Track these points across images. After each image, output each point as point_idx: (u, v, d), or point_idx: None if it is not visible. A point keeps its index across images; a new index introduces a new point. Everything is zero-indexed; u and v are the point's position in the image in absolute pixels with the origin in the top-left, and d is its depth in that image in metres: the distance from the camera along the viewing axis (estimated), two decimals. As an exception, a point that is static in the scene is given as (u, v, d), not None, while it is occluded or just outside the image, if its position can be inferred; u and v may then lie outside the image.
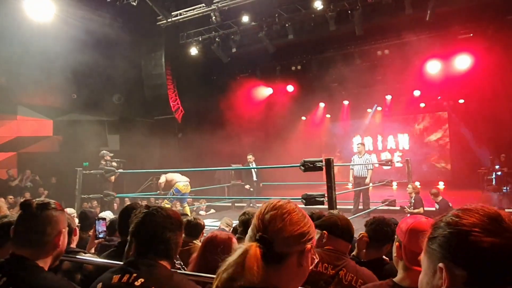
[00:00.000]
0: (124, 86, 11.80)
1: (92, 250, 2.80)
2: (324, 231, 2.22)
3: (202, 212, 10.24)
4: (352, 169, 8.89)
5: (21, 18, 8.65)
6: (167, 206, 8.40)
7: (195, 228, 3.46)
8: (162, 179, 8.55)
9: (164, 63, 12.38)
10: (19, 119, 11.46)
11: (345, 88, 14.43)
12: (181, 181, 8.54)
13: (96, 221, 2.75)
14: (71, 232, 2.31)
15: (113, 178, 8.57)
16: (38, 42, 8.65)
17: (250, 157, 9.99)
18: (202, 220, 3.63)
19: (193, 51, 12.01)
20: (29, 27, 8.72)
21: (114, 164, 9.07)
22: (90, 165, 9.42)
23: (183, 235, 3.50)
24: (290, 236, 1.01)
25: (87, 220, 3.37)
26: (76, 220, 3.56)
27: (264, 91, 15.11)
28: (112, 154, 9.22)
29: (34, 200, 1.48)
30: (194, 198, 10.51)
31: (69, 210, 4.56)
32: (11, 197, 8.64)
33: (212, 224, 6.59)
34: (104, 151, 9.16)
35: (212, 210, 10.54)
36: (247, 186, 10.05)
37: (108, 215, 4.36)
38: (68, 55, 9.34)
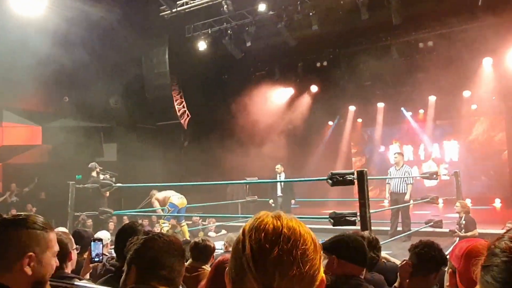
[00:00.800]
0: (122, 87, 12.01)
1: (87, 276, 2.85)
2: (333, 256, 2.22)
3: (211, 233, 10.27)
4: (389, 183, 8.82)
5: (8, 13, 8.94)
6: (164, 226, 8.54)
7: (204, 251, 3.48)
8: (155, 199, 8.84)
9: (167, 60, 12.55)
10: (5, 126, 11.77)
11: (380, 87, 14.33)
12: (174, 195, 8.70)
13: (92, 243, 2.80)
14: (65, 256, 2.37)
15: (107, 193, 8.72)
16: (27, 39, 8.90)
17: (278, 168, 10.07)
18: (212, 242, 3.65)
19: (201, 45, 12.15)
20: (17, 22, 9.00)
21: (107, 177, 9.28)
22: (84, 178, 9.59)
23: (191, 259, 3.54)
24: (308, 281, 0.88)
25: (82, 241, 3.44)
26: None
27: (283, 92, 15.13)
28: (102, 167, 9.42)
29: (5, 215, 1.51)
30: (202, 217, 10.55)
31: (61, 229, 4.65)
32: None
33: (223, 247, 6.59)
34: (93, 163, 9.36)
35: (223, 231, 10.55)
36: (270, 201, 10.15)
37: (104, 235, 4.44)
38: (60, 52, 9.58)
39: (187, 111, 13.48)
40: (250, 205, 10.80)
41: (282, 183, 10.07)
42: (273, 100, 14.95)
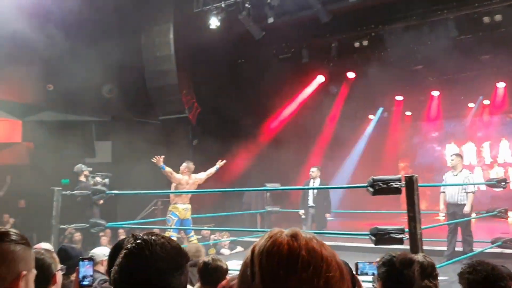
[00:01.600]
0: (117, 73, 12.13)
1: (75, 302, 2.88)
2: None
3: (224, 250, 10.33)
4: (444, 192, 8.70)
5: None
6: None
7: (214, 273, 3.49)
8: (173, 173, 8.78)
9: (172, 40, 12.63)
10: (-22, 120, 12.02)
11: (435, 72, 14.17)
12: (180, 203, 8.74)
13: (80, 262, 2.82)
14: (49, 277, 2.39)
15: (101, 200, 8.84)
16: (1, 16, 9.06)
17: (313, 171, 10.09)
18: (225, 263, 3.66)
19: (213, 22, 12.16)
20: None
21: (99, 179, 9.37)
22: (71, 182, 9.72)
23: (199, 283, 3.55)
24: None
25: (68, 260, 3.47)
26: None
27: (313, 80, 15.07)
28: (91, 169, 9.53)
29: None
30: (213, 230, 10.60)
31: (44, 245, 4.72)
32: (-34, 226, 9.10)
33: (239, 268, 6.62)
34: (80, 165, 9.48)
35: (239, 248, 10.63)
36: (301, 212, 10.18)
37: (101, 251, 4.50)
38: (42, 31, 9.71)
39: (196, 103, 13.53)
40: (272, 217, 10.81)
41: (315, 191, 10.05)
42: (299, 89, 14.90)
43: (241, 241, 10.78)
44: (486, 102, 15.94)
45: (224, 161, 9.29)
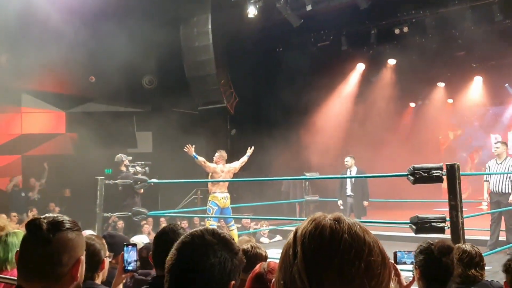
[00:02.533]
0: (157, 64, 12.30)
1: (120, 287, 2.98)
2: None
3: (264, 239, 10.41)
4: (488, 180, 8.55)
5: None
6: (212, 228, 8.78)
7: (254, 260, 3.52)
8: (205, 162, 8.87)
9: (211, 30, 12.69)
10: (24, 111, 12.44)
11: (478, 59, 13.82)
12: (219, 193, 8.85)
13: (125, 248, 2.90)
14: (98, 263, 2.50)
15: (142, 190, 9.04)
16: (45, 9, 9.31)
17: (347, 161, 10.05)
18: (264, 250, 3.69)
19: (251, 11, 12.16)
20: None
21: (139, 169, 9.56)
22: (114, 172, 9.96)
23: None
24: None
25: (112, 246, 3.59)
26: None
27: (353, 67, 14.93)
28: (130, 158, 9.73)
29: (43, 218, 1.59)
30: (253, 219, 10.68)
31: (88, 232, 4.89)
32: (14, 214, 9.50)
33: (278, 257, 6.67)
34: (120, 155, 9.69)
35: (278, 237, 10.68)
36: (339, 202, 10.19)
37: (141, 239, 4.61)
38: (84, 24, 9.95)
39: (234, 93, 13.59)
40: (311, 206, 10.81)
41: (353, 180, 9.98)
42: (338, 77, 14.78)
43: (280, 230, 10.83)
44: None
45: (253, 147, 9.32)
